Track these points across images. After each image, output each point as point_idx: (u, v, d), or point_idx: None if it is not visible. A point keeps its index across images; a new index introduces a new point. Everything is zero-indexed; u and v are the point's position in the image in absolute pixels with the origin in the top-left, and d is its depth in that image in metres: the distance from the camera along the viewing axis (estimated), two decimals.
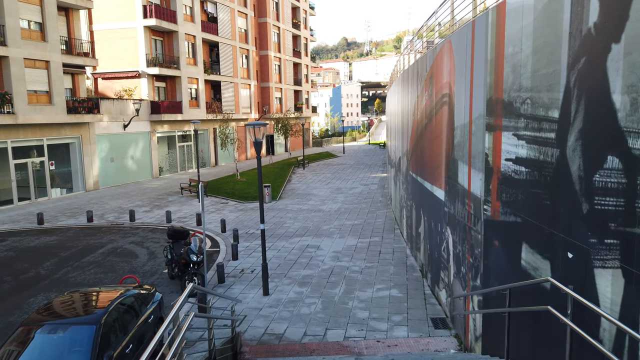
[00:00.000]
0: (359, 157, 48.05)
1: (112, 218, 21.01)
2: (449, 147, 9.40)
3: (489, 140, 7.15)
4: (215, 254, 15.55)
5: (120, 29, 33.13)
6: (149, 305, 8.65)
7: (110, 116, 29.76)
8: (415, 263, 13.77)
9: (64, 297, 8.05)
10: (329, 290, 11.77)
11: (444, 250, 10.11)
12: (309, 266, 13.77)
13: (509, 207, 6.46)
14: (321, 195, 26.49)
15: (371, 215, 20.74)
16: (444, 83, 9.82)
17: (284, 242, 16.51)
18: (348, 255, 14.72)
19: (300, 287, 12.11)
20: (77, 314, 7.47)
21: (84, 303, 7.94)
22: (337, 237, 17.01)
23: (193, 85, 37.33)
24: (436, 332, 9.34)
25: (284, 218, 20.62)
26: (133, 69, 33.14)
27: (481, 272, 7.65)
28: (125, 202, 24.71)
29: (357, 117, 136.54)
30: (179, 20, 34.91)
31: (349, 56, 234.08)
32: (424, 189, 12.18)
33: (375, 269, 13.31)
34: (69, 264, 14.31)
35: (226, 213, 22.03)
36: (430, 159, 11.35)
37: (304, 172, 36.96)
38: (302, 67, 58.79)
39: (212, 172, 36.47)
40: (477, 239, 7.79)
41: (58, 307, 7.61)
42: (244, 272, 13.47)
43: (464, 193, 8.37)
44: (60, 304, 7.72)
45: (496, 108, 6.84)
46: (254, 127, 10.92)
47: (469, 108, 8.05)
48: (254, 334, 9.53)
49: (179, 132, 36.60)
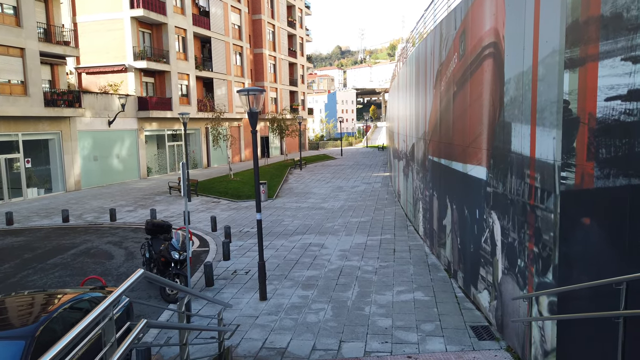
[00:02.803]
0: (357, 159, 46.12)
1: (90, 218, 18.89)
2: (495, 109, 7.46)
3: (572, 81, 5.20)
4: (204, 254, 13.47)
5: (105, 21, 31.17)
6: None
7: (94, 111, 27.67)
8: (437, 261, 11.76)
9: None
10: (340, 294, 9.73)
11: (485, 242, 8.12)
12: (314, 266, 11.73)
13: (615, 166, 4.51)
14: (321, 193, 24.47)
15: (378, 212, 18.74)
16: (485, 32, 7.90)
17: (283, 241, 14.47)
18: (358, 254, 12.69)
19: (305, 290, 10.06)
20: (4, 325, 5.41)
21: (18, 311, 5.87)
22: (344, 235, 14.98)
23: (184, 81, 35.34)
24: (481, 345, 7.32)
25: (282, 216, 18.57)
26: (119, 62, 31.13)
27: (555, 263, 5.67)
28: (107, 202, 22.58)
29: (353, 123, 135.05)
30: (169, 11, 33.00)
31: (343, 64, 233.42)
32: (452, 171, 10.22)
33: (392, 269, 11.28)
34: (31, 267, 12.18)
35: (217, 212, 19.96)
36: (461, 133, 9.40)
37: (302, 172, 34.96)
38: (297, 68, 57.01)
39: (204, 172, 34.39)
40: (547, 220, 5.82)
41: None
42: (236, 273, 11.41)
43: (523, 162, 6.41)
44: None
45: (587, 32, 4.91)
46: (249, 94, 8.93)
47: (532, 48, 6.12)
48: (249, 348, 7.47)
49: (169, 130, 34.53)
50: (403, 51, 18.77)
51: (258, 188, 9.52)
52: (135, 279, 3.46)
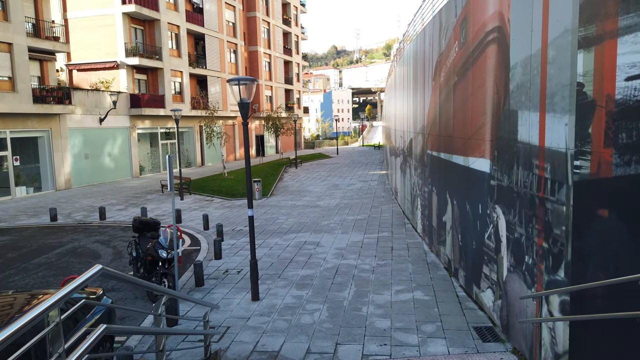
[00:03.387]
0: (354, 157, 45.69)
1: (80, 217, 18.37)
2: (500, 97, 7.04)
3: (587, 62, 4.79)
4: (195, 252, 13.00)
5: (97, 17, 30.59)
6: (90, 316, 6.13)
7: (85, 108, 27.11)
8: (437, 259, 11.35)
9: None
10: (336, 294, 9.30)
11: (489, 238, 7.71)
12: (309, 265, 11.29)
13: (637, 151, 4.10)
14: (317, 191, 24.03)
15: (375, 210, 18.31)
16: (489, 17, 7.48)
17: (277, 239, 14.02)
18: (354, 252, 12.26)
19: (299, 289, 9.62)
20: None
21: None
22: (340, 233, 14.54)
23: (177, 78, 34.80)
24: (486, 347, 6.91)
25: (277, 214, 18.12)
26: (111, 59, 30.58)
27: (568, 260, 5.26)
28: (98, 200, 22.05)
29: (349, 122, 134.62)
30: (161, 7, 32.45)
31: (339, 64, 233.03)
32: (453, 165, 9.81)
33: (390, 267, 10.86)
34: (14, 266, 11.68)
35: (211, 210, 19.49)
36: (463, 125, 8.99)
37: (297, 171, 34.50)
38: (293, 66, 56.52)
39: (198, 171, 33.87)
40: (558, 213, 5.40)
41: None
42: (228, 272, 10.96)
43: (531, 152, 6.00)
44: None
45: (604, 7, 4.49)
46: (240, 84, 8.48)
47: (541, 30, 5.70)
48: (240, 351, 7.03)
49: (162, 128, 33.98)
50: (400, 48, 18.37)
51: (250, 183, 9.07)
52: (89, 275, 3.00)
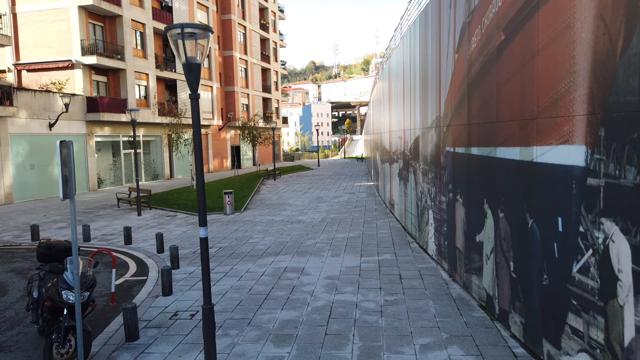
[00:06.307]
0: (336, 169, 42.81)
1: (8, 237, 14.91)
2: (613, 38, 4.19)
3: None
4: (139, 285, 9.76)
5: (49, 10, 27.23)
6: None
7: (31, 112, 23.58)
8: (464, 294, 8.39)
9: None
10: (333, 354, 6.22)
11: (583, 271, 4.78)
12: (291, 303, 8.19)
13: None
14: (298, 204, 20.95)
15: (369, 225, 15.33)
16: None
17: (250, 265, 10.89)
18: (352, 283, 9.22)
19: (278, 346, 6.51)
20: None
21: None
22: (329, 256, 11.49)
23: (142, 81, 31.50)
24: None
25: (250, 232, 14.97)
26: (65, 58, 27.17)
27: None
28: (39, 217, 18.54)
29: (328, 136, 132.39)
30: (124, 3, 29.28)
31: (318, 79, 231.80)
32: (496, 162, 6.92)
33: (404, 306, 7.85)
34: None
35: (171, 227, 16.21)
36: (519, 101, 6.12)
37: (276, 183, 31.38)
38: (271, 74, 53.70)
39: (166, 184, 30.45)
40: None
41: None
42: (177, 317, 7.78)
43: None
44: None
45: None
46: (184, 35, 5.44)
47: None
48: None
49: (125, 137, 30.53)
50: (400, 24, 15.63)
51: (202, 186, 5.95)
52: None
